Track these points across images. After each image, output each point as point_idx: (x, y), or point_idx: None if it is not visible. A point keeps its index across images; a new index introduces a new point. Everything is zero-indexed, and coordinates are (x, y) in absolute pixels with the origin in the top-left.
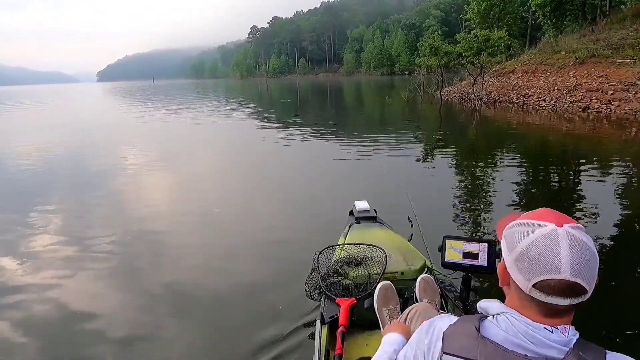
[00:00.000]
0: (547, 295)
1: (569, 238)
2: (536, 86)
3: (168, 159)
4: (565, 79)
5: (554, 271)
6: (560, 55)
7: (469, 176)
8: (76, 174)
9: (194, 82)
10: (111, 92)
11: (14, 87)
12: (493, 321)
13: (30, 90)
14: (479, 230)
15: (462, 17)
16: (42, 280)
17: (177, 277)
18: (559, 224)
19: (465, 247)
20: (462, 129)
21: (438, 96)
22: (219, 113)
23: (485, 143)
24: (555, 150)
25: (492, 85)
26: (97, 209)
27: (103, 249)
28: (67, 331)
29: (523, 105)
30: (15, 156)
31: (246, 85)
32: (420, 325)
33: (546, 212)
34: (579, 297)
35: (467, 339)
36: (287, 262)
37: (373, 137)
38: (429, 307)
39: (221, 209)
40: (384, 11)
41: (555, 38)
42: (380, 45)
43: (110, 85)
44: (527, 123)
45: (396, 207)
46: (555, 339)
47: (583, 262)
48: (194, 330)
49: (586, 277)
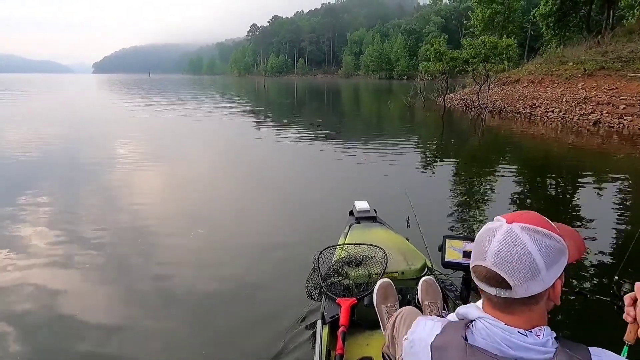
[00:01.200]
0: (479, 280)
1: (506, 233)
2: (543, 97)
3: (165, 156)
4: (574, 90)
5: (481, 258)
6: (567, 66)
7: (470, 182)
8: (67, 167)
9: (191, 77)
10: (107, 84)
11: (6, 74)
12: (472, 328)
13: (23, 79)
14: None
15: (465, 24)
16: (30, 275)
17: (177, 277)
18: (511, 221)
19: (465, 246)
20: (465, 137)
21: (440, 102)
22: (216, 111)
23: (489, 152)
24: (563, 162)
25: (497, 93)
26: (88, 205)
27: (94, 247)
28: (57, 328)
29: (530, 116)
30: (6, 147)
31: (243, 83)
32: (403, 347)
33: (522, 212)
34: (504, 290)
35: (457, 351)
36: (288, 262)
37: (374, 141)
38: (414, 312)
39: (218, 209)
40: (384, 15)
41: (559, 49)
42: (379, 49)
43: (106, 76)
44: (535, 134)
45: (396, 207)
46: (531, 342)
47: (507, 256)
48: (194, 330)
49: (509, 271)
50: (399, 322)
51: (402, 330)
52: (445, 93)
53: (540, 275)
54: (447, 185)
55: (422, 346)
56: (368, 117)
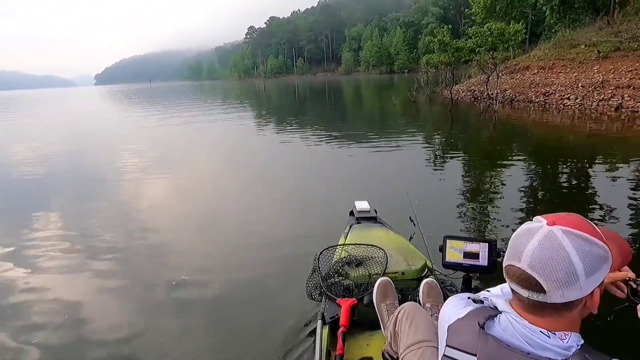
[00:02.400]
0: (511, 281)
1: (545, 235)
2: (556, 83)
3: (169, 162)
4: (589, 74)
5: (516, 258)
6: (579, 50)
7: (480, 178)
8: (77, 180)
9: (191, 84)
10: (109, 96)
11: (11, 91)
12: (495, 320)
13: (28, 96)
14: (479, 230)
15: (466, 12)
16: (43, 284)
17: (176, 278)
18: (552, 223)
19: (465, 247)
20: (475, 131)
21: (446, 95)
22: (217, 116)
23: (499, 145)
24: (583, 151)
25: (506, 82)
26: (100, 216)
27: (105, 254)
28: (68, 334)
29: (545, 105)
30: (15, 161)
31: (243, 86)
32: (440, 313)
33: (566, 215)
34: (537, 293)
35: (470, 334)
36: (288, 263)
37: (378, 141)
38: (416, 307)
39: (221, 210)
40: (381, 9)
41: (568, 32)
42: (379, 43)
43: (107, 88)
44: (550, 123)
45: (396, 207)
46: (553, 343)
47: (544, 259)
48: (194, 330)
49: (545, 276)
50: (401, 317)
51: (405, 327)
52: (452, 85)
53: (578, 282)
54: (454, 184)
55: (443, 322)
56: (371, 115)
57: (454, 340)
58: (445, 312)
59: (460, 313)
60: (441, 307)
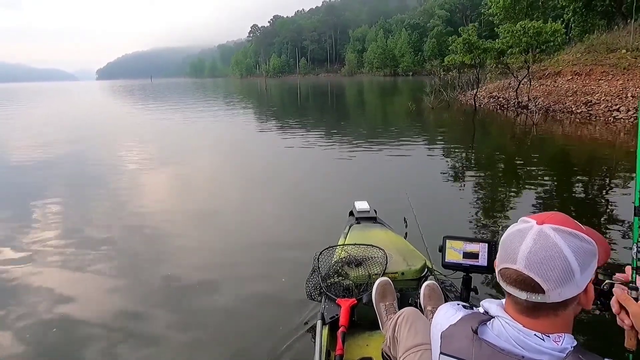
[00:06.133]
0: (507, 284)
1: (537, 235)
2: (598, 91)
3: (171, 162)
4: (638, 82)
5: (510, 260)
6: (620, 54)
7: (495, 188)
8: (76, 172)
9: (193, 81)
10: (110, 91)
11: (13, 84)
12: (488, 324)
13: (30, 88)
14: (481, 230)
15: (482, 12)
16: (40, 279)
17: (177, 278)
18: (541, 222)
19: (465, 247)
20: (509, 147)
21: (466, 101)
22: (218, 115)
23: (538, 166)
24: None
25: (536, 89)
26: (99, 210)
27: (103, 248)
28: (66, 332)
29: (588, 117)
30: (16, 153)
31: (245, 85)
32: (432, 322)
33: (551, 214)
34: (535, 294)
35: (464, 340)
36: (288, 263)
37: (390, 157)
38: (415, 312)
39: (220, 209)
40: (386, 11)
41: (603, 35)
42: (383, 45)
43: (109, 83)
44: (601, 140)
45: (397, 207)
46: (548, 346)
47: (540, 259)
48: (193, 330)
49: (541, 274)
50: (400, 322)
51: (404, 331)
52: (477, 89)
53: (574, 279)
54: (461, 188)
55: (436, 330)
56: (383, 125)
57: (448, 347)
58: (437, 320)
59: (453, 319)
60: (439, 310)
